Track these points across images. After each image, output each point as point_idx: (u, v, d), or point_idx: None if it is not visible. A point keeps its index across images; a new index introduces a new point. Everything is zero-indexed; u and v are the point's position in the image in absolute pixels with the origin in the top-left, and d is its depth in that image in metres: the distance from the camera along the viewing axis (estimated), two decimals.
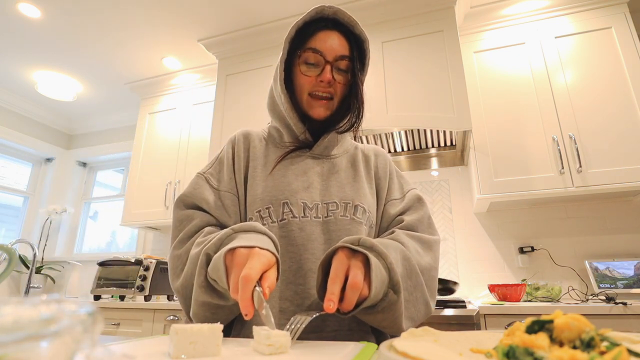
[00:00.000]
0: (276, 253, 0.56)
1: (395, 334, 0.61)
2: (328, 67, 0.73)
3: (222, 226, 0.73)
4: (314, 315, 0.52)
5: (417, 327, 0.43)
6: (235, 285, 0.50)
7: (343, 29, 0.76)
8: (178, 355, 0.39)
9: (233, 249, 0.54)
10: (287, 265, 0.68)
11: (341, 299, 0.51)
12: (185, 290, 0.65)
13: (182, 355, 0.39)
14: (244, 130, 0.84)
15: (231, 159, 0.79)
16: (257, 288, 0.49)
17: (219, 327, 0.41)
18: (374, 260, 0.53)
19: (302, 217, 0.71)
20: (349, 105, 0.77)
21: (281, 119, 0.80)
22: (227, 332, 0.70)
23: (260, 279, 0.51)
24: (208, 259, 0.59)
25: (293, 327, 0.50)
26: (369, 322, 0.60)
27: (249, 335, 0.66)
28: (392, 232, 0.72)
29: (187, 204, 0.74)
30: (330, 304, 0.49)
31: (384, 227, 0.78)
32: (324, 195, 0.73)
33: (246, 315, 0.48)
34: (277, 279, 0.56)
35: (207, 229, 0.69)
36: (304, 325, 0.50)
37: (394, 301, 0.55)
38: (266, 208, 0.71)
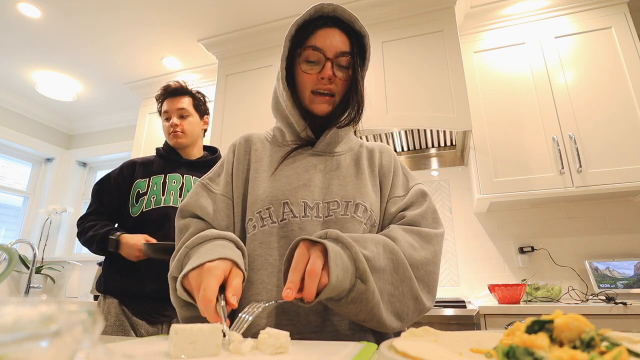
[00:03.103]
0: (230, 256, 0.57)
1: (381, 329, 0.61)
2: (329, 64, 0.73)
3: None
4: (268, 304, 0.54)
5: (417, 327, 0.43)
6: (201, 308, 0.52)
7: (343, 26, 0.76)
8: (178, 355, 0.39)
9: (186, 275, 0.56)
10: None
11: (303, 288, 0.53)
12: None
13: (182, 355, 0.39)
14: (246, 134, 0.85)
15: (231, 163, 0.81)
16: (221, 302, 0.51)
17: (219, 327, 0.41)
18: (331, 248, 0.54)
19: (302, 216, 0.71)
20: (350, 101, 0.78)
21: (284, 118, 0.81)
22: None
23: (226, 287, 0.54)
24: (176, 282, 0.61)
25: (245, 315, 0.51)
26: (346, 316, 0.61)
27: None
28: (387, 228, 0.72)
29: (185, 213, 0.76)
30: (288, 292, 0.50)
31: (385, 225, 0.77)
32: (326, 194, 0.73)
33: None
34: (244, 279, 0.58)
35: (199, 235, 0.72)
36: (258, 311, 0.52)
37: (362, 291, 0.55)
38: (266, 208, 0.72)
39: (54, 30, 2.51)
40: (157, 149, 1.53)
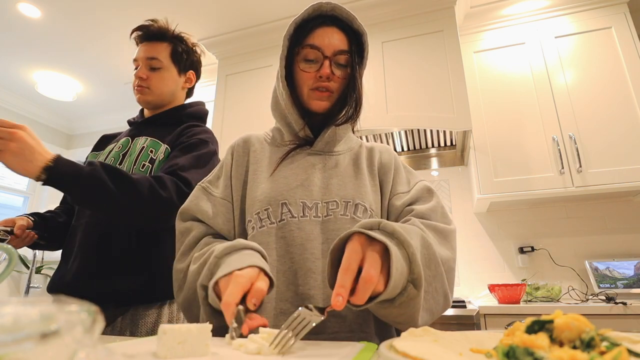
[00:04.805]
0: (259, 264, 0.57)
1: (409, 325, 0.58)
2: (327, 62, 0.73)
3: (218, 234, 0.75)
4: (322, 318, 0.45)
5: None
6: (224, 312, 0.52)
7: (341, 25, 0.77)
8: (166, 356, 0.38)
9: (217, 283, 0.57)
10: (287, 266, 0.68)
11: (353, 290, 0.45)
12: (188, 305, 0.67)
13: (170, 356, 0.39)
14: (244, 135, 0.85)
15: (229, 166, 0.80)
16: (239, 307, 0.51)
17: (207, 326, 0.41)
18: (394, 251, 0.47)
19: (301, 216, 0.70)
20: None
21: (283, 117, 0.81)
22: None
23: (249, 291, 0.52)
24: (205, 290, 0.61)
25: (297, 325, 0.44)
26: (383, 317, 0.56)
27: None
28: (408, 220, 0.67)
29: (185, 216, 0.76)
30: (339, 299, 0.43)
31: (391, 220, 0.74)
32: (324, 194, 0.73)
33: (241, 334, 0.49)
34: (272, 285, 0.57)
35: (204, 239, 0.71)
36: (307, 330, 0.44)
37: (413, 296, 0.50)
38: (265, 209, 0.71)
39: (54, 30, 2.51)
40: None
